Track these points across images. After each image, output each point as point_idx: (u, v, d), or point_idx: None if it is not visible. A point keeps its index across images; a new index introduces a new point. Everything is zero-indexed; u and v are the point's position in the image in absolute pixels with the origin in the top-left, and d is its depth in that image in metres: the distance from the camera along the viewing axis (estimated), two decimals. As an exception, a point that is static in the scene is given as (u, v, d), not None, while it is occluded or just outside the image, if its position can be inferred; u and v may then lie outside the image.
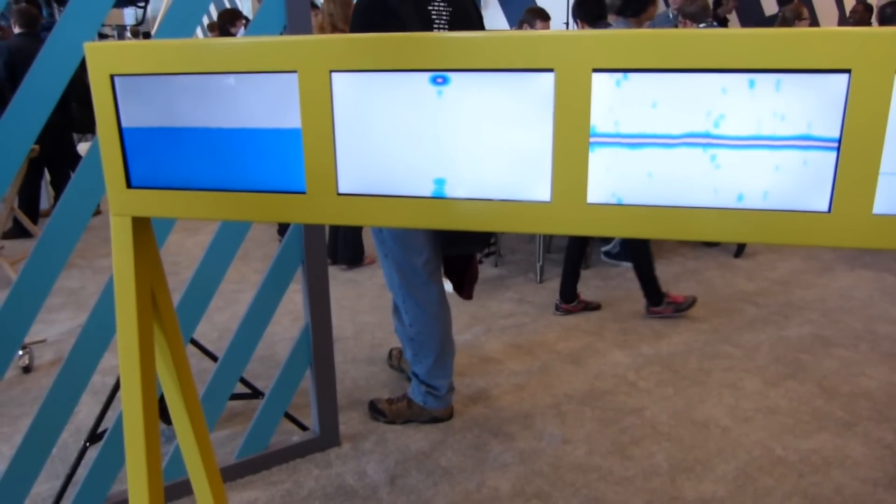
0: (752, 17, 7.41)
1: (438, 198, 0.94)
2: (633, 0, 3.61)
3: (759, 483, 2.15)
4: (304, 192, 0.98)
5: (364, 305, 3.71)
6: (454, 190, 0.94)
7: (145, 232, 1.15)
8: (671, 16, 5.85)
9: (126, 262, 1.13)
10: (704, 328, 3.37)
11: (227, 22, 6.65)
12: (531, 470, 2.22)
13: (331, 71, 0.93)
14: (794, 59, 0.81)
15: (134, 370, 1.17)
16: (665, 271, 4.26)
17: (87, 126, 5.65)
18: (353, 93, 0.94)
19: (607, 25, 3.94)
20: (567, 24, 6.76)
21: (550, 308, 3.64)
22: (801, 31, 0.82)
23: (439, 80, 0.90)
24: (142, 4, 2.51)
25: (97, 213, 4.96)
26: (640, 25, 3.80)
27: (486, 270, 4.25)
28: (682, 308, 3.52)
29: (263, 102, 0.98)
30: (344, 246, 4.31)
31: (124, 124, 1.05)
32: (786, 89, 0.83)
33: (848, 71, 0.80)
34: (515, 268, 4.34)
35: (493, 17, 8.04)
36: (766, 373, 2.89)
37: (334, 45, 0.93)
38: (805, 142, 0.83)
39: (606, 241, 4.53)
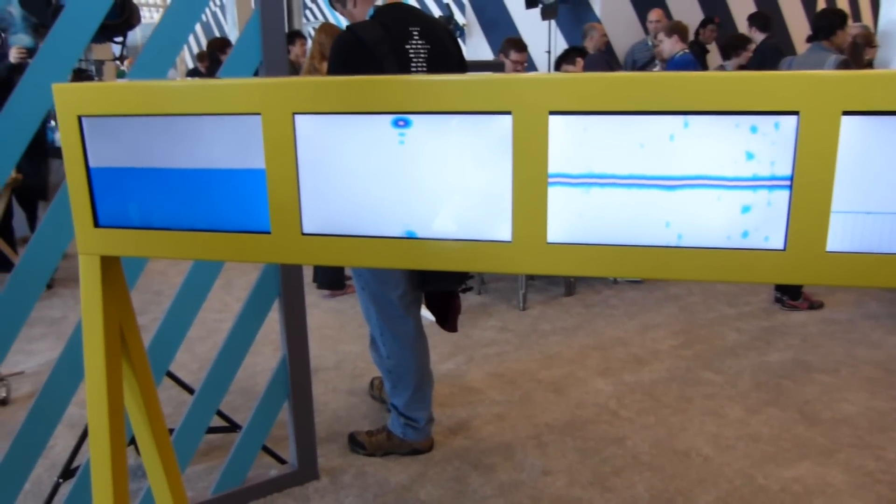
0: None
1: (402, 238, 0.95)
2: (824, 26, 3.82)
3: (739, 512, 2.15)
4: (268, 232, 0.99)
5: (346, 335, 3.69)
6: (417, 230, 0.95)
7: (114, 270, 1.15)
8: (650, 43, 5.94)
9: (94, 300, 1.12)
10: (686, 354, 3.38)
11: (218, 50, 6.74)
12: (511, 503, 2.20)
13: (294, 113, 0.94)
14: (745, 102, 0.83)
15: (101, 409, 1.17)
16: (647, 297, 4.28)
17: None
18: (316, 135, 0.95)
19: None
20: (549, 52, 6.84)
21: (533, 336, 3.64)
22: (752, 74, 0.84)
23: (401, 122, 0.92)
24: (119, 41, 2.51)
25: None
26: (835, 48, 3.90)
27: (469, 298, 4.26)
28: (814, 306, 3.97)
29: (228, 143, 0.99)
30: (323, 270, 4.32)
31: (92, 164, 1.06)
32: (738, 130, 0.84)
33: (796, 113, 0.82)
34: (498, 295, 4.34)
35: (478, 45, 8.14)
36: (748, 400, 2.90)
37: (297, 87, 0.94)
38: (757, 182, 0.85)
39: None
